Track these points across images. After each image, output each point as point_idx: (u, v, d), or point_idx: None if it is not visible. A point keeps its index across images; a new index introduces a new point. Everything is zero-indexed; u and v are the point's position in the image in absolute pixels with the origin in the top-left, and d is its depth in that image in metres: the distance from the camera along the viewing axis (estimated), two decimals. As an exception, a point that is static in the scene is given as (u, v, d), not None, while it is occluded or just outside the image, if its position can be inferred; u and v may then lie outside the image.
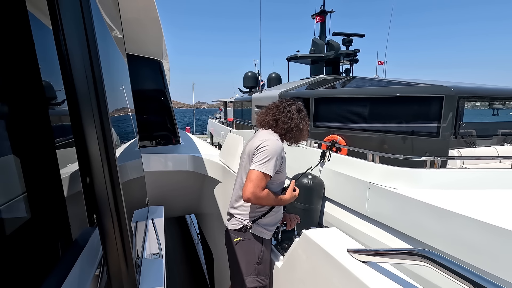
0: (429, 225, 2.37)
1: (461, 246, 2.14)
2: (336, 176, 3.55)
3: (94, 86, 0.60)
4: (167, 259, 1.24)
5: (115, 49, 1.31)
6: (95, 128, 0.60)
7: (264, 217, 1.68)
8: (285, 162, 1.70)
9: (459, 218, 2.12)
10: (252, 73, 12.18)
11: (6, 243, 0.49)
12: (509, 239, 1.82)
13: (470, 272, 0.77)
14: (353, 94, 5.32)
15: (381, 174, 3.04)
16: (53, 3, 0.58)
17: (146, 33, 2.46)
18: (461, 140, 4.11)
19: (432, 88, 4.24)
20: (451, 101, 3.96)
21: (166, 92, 3.49)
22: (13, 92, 0.55)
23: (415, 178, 2.81)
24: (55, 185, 0.67)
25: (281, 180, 1.71)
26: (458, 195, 2.51)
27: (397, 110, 4.67)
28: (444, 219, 2.23)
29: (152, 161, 2.94)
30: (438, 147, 3.98)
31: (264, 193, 1.54)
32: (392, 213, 2.76)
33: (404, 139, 4.39)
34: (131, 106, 1.75)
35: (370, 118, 4.94)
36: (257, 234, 1.67)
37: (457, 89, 4.01)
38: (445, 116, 3.99)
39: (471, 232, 2.05)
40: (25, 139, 0.58)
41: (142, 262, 1.07)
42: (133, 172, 1.43)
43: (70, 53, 0.57)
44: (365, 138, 4.79)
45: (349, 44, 7.95)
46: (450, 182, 2.75)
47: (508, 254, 1.84)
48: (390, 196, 2.77)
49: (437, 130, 4.05)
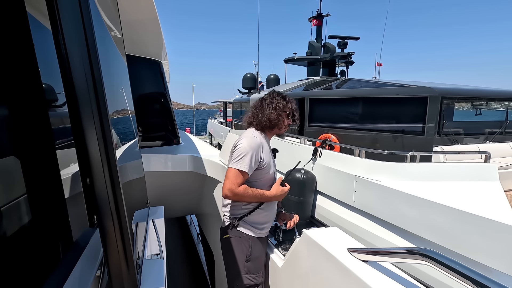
0: (406, 212, 2.64)
1: (432, 229, 2.42)
2: (326, 171, 3.77)
3: (94, 87, 0.60)
4: (168, 259, 1.24)
5: (115, 50, 1.31)
6: (95, 129, 0.60)
7: (251, 215, 1.67)
8: (269, 159, 1.69)
9: (431, 204, 2.41)
10: (251, 75, 12.32)
11: (8, 244, 0.49)
12: (470, 222, 2.13)
13: (471, 271, 0.77)
14: (345, 95, 5.66)
15: (366, 168, 3.26)
16: (52, 5, 0.58)
17: (146, 34, 2.46)
18: (445, 138, 4.40)
19: (418, 89, 4.57)
20: (435, 102, 4.29)
21: (166, 92, 3.49)
22: (13, 93, 0.55)
23: (396, 171, 3.07)
24: (56, 186, 0.67)
25: (266, 177, 1.70)
26: (433, 185, 2.78)
27: (386, 110, 4.98)
28: (419, 206, 2.51)
29: (152, 162, 2.94)
30: (424, 145, 4.30)
31: (241, 189, 1.55)
32: (376, 203, 2.98)
33: (393, 137, 4.70)
34: (131, 107, 1.75)
35: (361, 117, 5.25)
36: (244, 232, 1.68)
37: (440, 90, 4.34)
38: (429, 116, 4.32)
39: (440, 216, 2.35)
40: (25, 140, 0.58)
41: (143, 262, 1.07)
42: (133, 173, 1.43)
43: (70, 54, 0.57)
44: (357, 136, 5.09)
45: (344, 46, 8.28)
46: (427, 174, 3.01)
47: (469, 235, 2.15)
48: (374, 188, 2.99)
49: (423, 129, 4.38)
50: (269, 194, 1.65)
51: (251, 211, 1.67)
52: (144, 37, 2.56)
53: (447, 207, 2.30)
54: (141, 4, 1.85)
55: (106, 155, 0.62)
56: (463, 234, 2.20)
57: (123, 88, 1.46)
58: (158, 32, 2.41)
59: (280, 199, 1.72)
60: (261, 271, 1.75)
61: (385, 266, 1.12)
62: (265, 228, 1.76)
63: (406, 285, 1.02)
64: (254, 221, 1.69)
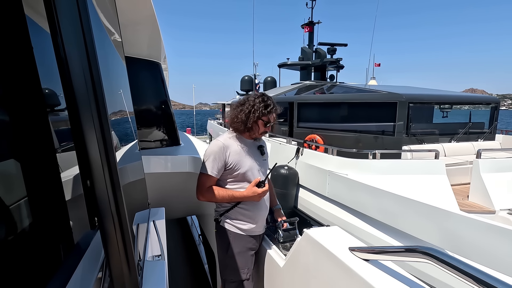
0: (365, 199, 3.21)
1: (382, 212, 2.96)
2: (307, 167, 4.39)
3: (93, 89, 0.60)
4: (169, 260, 1.24)
5: (114, 51, 1.31)
6: (95, 131, 0.60)
7: (230, 212, 1.73)
8: (240, 159, 1.69)
9: (382, 192, 2.94)
10: (249, 77, 12.74)
11: (9, 247, 0.49)
12: (409, 205, 2.66)
13: (472, 269, 0.77)
14: (328, 99, 6.41)
15: (337, 164, 3.90)
16: (50, 7, 0.58)
17: (144, 35, 2.46)
18: (413, 138, 4.94)
19: (389, 95, 5.22)
20: (403, 106, 4.87)
21: (165, 93, 3.48)
22: (13, 96, 0.55)
23: (360, 166, 3.68)
24: (56, 188, 0.67)
25: (239, 177, 1.71)
26: (389, 178, 3.31)
27: (363, 113, 5.65)
28: (374, 194, 3.06)
29: (153, 163, 2.94)
30: (394, 144, 4.85)
31: (208, 191, 1.66)
32: (344, 193, 3.60)
33: (369, 137, 5.32)
34: (130, 108, 1.75)
35: (342, 120, 5.93)
36: (226, 227, 1.75)
37: (407, 96, 4.97)
38: (398, 118, 4.91)
39: (388, 201, 2.88)
40: (25, 143, 0.58)
41: (144, 264, 1.07)
42: (133, 174, 1.43)
43: (69, 57, 0.57)
44: (339, 137, 5.66)
45: (333, 53, 9.00)
46: (385, 169, 3.56)
47: (408, 215, 2.69)
48: (343, 181, 3.60)
49: (393, 130, 4.98)
50: (239, 195, 1.68)
51: (229, 209, 1.74)
52: (142, 39, 2.56)
53: (393, 194, 2.85)
54: (139, 6, 1.85)
55: (106, 157, 0.62)
56: (404, 214, 2.75)
57: (123, 90, 1.46)
58: (157, 33, 2.41)
59: (255, 199, 1.71)
60: (247, 267, 1.76)
61: (387, 265, 1.12)
62: (250, 225, 1.76)
63: (408, 283, 1.02)
64: (235, 218, 1.75)
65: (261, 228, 1.85)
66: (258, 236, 1.86)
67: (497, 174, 3.40)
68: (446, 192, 3.21)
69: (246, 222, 1.76)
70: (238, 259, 1.75)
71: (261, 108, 1.68)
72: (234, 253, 1.75)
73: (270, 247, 1.89)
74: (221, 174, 1.71)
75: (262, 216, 1.82)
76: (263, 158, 1.84)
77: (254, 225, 1.78)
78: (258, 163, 1.79)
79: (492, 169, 3.43)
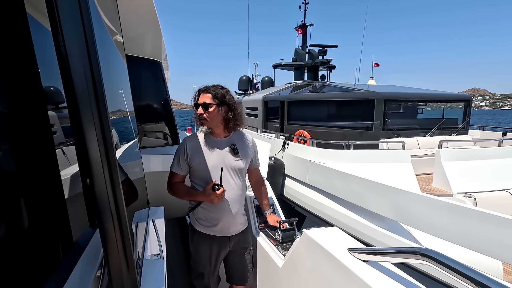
0: (337, 184, 3.68)
1: (350, 194, 3.44)
2: (291, 158, 4.91)
3: (94, 87, 0.60)
4: (168, 260, 1.24)
5: (115, 50, 1.31)
6: (95, 130, 0.60)
7: (195, 210, 1.77)
8: (202, 158, 1.67)
9: (351, 177, 3.39)
10: (246, 77, 13.03)
11: (8, 244, 0.49)
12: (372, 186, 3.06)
13: (471, 271, 0.77)
14: (314, 98, 6.99)
15: (316, 154, 4.40)
16: (52, 5, 0.58)
17: (145, 34, 2.46)
18: (389, 133, 5.53)
19: (368, 93, 5.80)
20: (380, 104, 5.42)
21: (166, 92, 3.48)
22: (13, 94, 0.55)
23: (335, 156, 4.17)
24: (56, 187, 0.67)
25: (200, 176, 1.70)
26: (360, 166, 3.79)
27: (345, 110, 6.26)
28: (344, 178, 3.51)
29: (152, 162, 2.94)
30: (373, 138, 5.42)
31: (172, 188, 1.74)
32: (321, 179, 4.07)
33: (352, 132, 5.88)
34: (130, 107, 1.75)
35: (327, 116, 6.54)
36: (191, 223, 1.83)
37: (384, 94, 5.53)
38: (376, 115, 5.46)
39: (355, 184, 3.33)
40: (25, 141, 0.58)
41: (143, 263, 1.07)
42: (133, 173, 1.43)
43: (70, 55, 0.57)
44: (325, 132, 6.21)
45: (324, 54, 9.58)
46: (357, 158, 4.07)
47: (371, 195, 3.08)
48: (320, 168, 4.06)
49: (371, 125, 5.53)
50: (195, 194, 1.70)
51: (194, 207, 1.77)
52: (143, 37, 2.56)
53: (358, 177, 3.26)
54: (140, 4, 1.85)
55: (106, 156, 0.62)
56: (367, 194, 3.16)
57: (123, 89, 1.46)
58: (158, 32, 2.41)
59: (212, 202, 1.64)
60: (208, 264, 1.79)
61: (385, 266, 1.12)
62: (212, 226, 1.74)
63: (406, 284, 1.02)
64: (198, 217, 1.78)
65: (229, 230, 1.78)
66: (225, 238, 1.79)
67: (456, 162, 3.87)
68: (409, 177, 3.72)
69: (207, 223, 1.75)
70: (198, 255, 1.80)
71: (196, 94, 1.70)
72: (195, 248, 1.81)
73: (269, 247, 1.89)
74: (189, 172, 1.75)
75: (226, 218, 1.73)
76: (236, 158, 1.73)
77: (216, 227, 1.74)
78: (226, 163, 1.70)
79: (452, 158, 3.90)
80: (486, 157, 4.01)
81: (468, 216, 2.18)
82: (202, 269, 1.80)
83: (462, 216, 2.22)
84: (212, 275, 1.84)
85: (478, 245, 2.13)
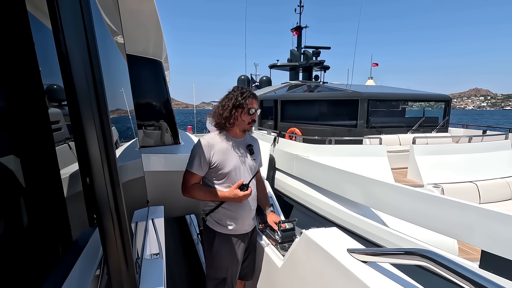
0: (319, 175, 4.07)
1: (329, 183, 3.81)
2: (281, 153, 5.29)
3: (94, 86, 0.60)
4: (167, 259, 1.24)
5: (115, 49, 1.31)
6: (95, 129, 0.60)
7: (214, 212, 1.74)
8: (225, 158, 1.68)
9: (330, 168, 3.80)
10: (245, 77, 13.36)
11: (7, 243, 0.49)
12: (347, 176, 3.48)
13: (470, 272, 0.77)
14: (305, 97, 7.39)
15: (302, 148, 4.78)
16: (53, 4, 0.58)
17: (146, 33, 2.46)
18: (373, 130, 5.92)
19: (352, 93, 6.18)
20: (363, 103, 5.84)
21: (166, 92, 3.48)
22: (13, 92, 0.55)
23: (318, 150, 4.56)
24: (55, 185, 0.67)
25: (222, 176, 1.70)
26: (339, 159, 4.16)
27: (333, 109, 6.73)
28: (324, 170, 3.92)
29: (152, 161, 2.94)
30: (357, 135, 5.77)
31: (192, 188, 1.69)
32: (306, 171, 4.41)
33: (340, 129, 6.31)
34: (131, 106, 1.75)
35: (317, 115, 6.97)
36: (210, 227, 1.77)
37: (367, 94, 5.94)
38: (360, 113, 5.88)
39: (333, 175, 3.74)
40: (25, 139, 0.58)
41: (142, 262, 1.07)
42: (133, 172, 1.43)
43: (70, 53, 0.57)
44: (314, 130, 6.56)
45: (317, 55, 10.01)
46: (338, 152, 4.45)
47: (346, 183, 3.52)
48: (305, 161, 4.42)
49: (356, 123, 5.95)
50: (221, 195, 1.68)
51: (214, 209, 1.74)
52: (144, 37, 2.56)
53: (336, 169, 3.67)
54: (141, 3, 1.85)
55: (106, 155, 0.62)
56: (343, 183, 3.58)
57: (124, 88, 1.46)
58: (159, 31, 2.41)
59: (237, 201, 1.68)
60: (229, 267, 1.76)
61: (385, 267, 1.12)
62: (233, 226, 1.76)
63: (405, 285, 1.02)
64: (219, 218, 1.75)
65: (247, 226, 1.83)
66: (245, 234, 1.84)
67: (428, 156, 4.29)
68: (385, 169, 4.19)
69: (229, 222, 1.75)
70: (221, 258, 1.76)
71: (237, 95, 1.69)
72: (217, 252, 1.76)
73: (269, 247, 1.89)
74: (207, 172, 1.71)
75: (246, 216, 1.80)
76: (253, 158, 1.80)
77: (238, 225, 1.77)
78: (245, 163, 1.76)
79: (423, 153, 4.31)
80: (456, 152, 4.42)
81: (430, 202, 2.54)
82: (224, 274, 1.76)
83: (423, 202, 2.59)
84: (235, 278, 1.81)
85: (438, 226, 2.48)
